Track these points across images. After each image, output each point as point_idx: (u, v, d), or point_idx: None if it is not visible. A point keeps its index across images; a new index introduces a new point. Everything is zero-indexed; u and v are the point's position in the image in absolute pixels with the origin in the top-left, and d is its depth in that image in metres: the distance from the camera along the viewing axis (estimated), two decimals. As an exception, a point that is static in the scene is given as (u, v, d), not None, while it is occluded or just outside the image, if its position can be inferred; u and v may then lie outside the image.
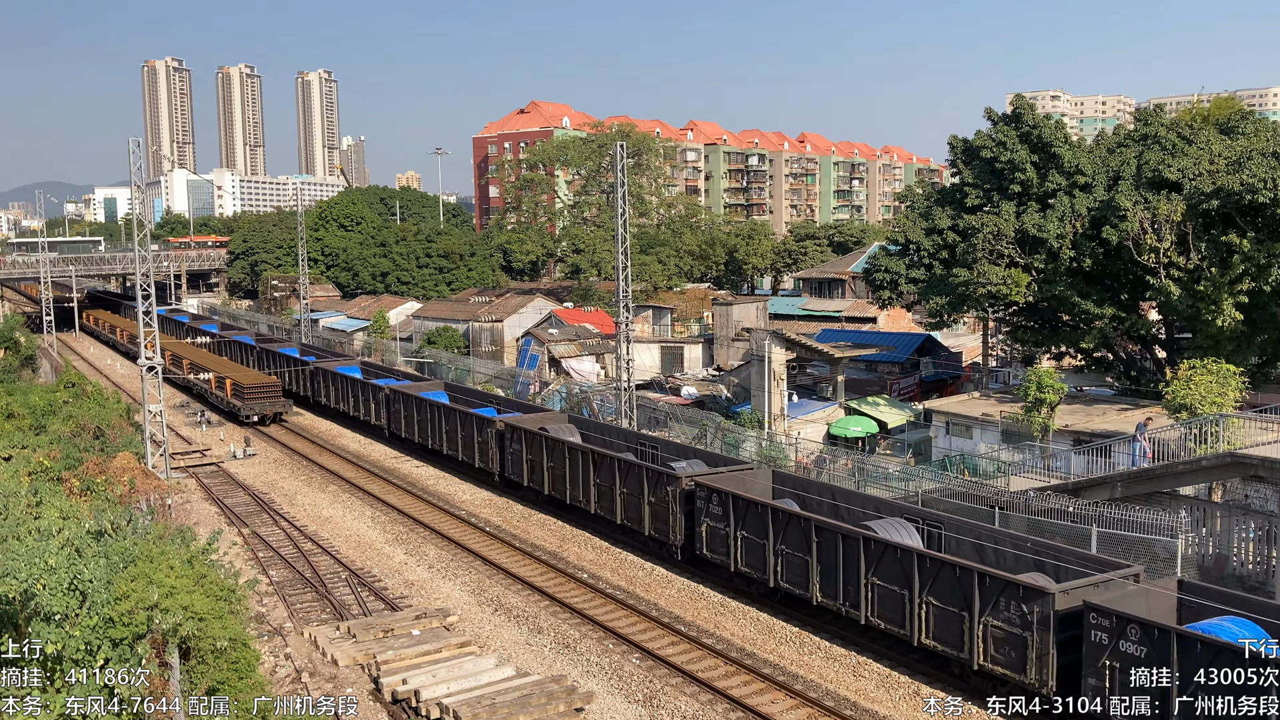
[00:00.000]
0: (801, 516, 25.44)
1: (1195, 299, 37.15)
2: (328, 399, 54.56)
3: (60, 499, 24.47)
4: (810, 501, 27.57)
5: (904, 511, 26.23)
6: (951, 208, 47.03)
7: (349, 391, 51.94)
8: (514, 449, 37.53)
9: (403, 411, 46.37)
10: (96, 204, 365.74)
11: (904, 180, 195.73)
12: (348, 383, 52.35)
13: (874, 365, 60.29)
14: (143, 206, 45.62)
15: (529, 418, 39.29)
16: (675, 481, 29.43)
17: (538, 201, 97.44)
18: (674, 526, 29.42)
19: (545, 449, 35.77)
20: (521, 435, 37.05)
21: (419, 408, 45.01)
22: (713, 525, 27.66)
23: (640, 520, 30.72)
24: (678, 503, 29.22)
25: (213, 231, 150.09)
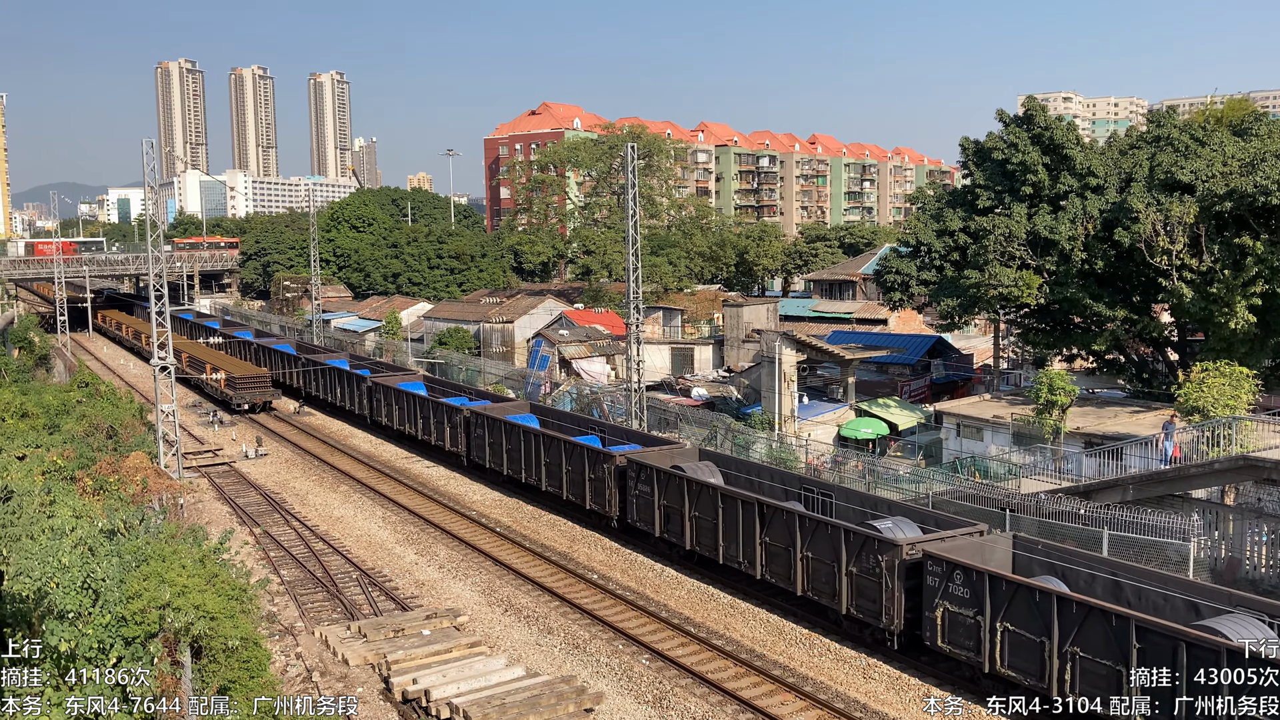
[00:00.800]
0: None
1: (1208, 301, 36.99)
2: (389, 419, 48.64)
3: (73, 498, 24.62)
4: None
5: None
6: (963, 209, 46.95)
7: (415, 411, 45.85)
8: (640, 490, 30.44)
9: (487, 437, 39.57)
10: (110, 205, 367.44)
11: (915, 182, 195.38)
12: (414, 401, 46.23)
13: (885, 367, 60.20)
14: (156, 207, 45.84)
15: (653, 453, 32.25)
16: (892, 550, 22.71)
17: (548, 203, 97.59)
18: (890, 608, 22.74)
19: (687, 494, 28.66)
20: (653, 475, 30.00)
21: (508, 434, 38.39)
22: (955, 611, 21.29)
23: (834, 596, 24.24)
24: (896, 577, 22.54)
25: (224, 232, 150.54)
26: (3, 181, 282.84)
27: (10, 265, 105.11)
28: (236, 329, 74.51)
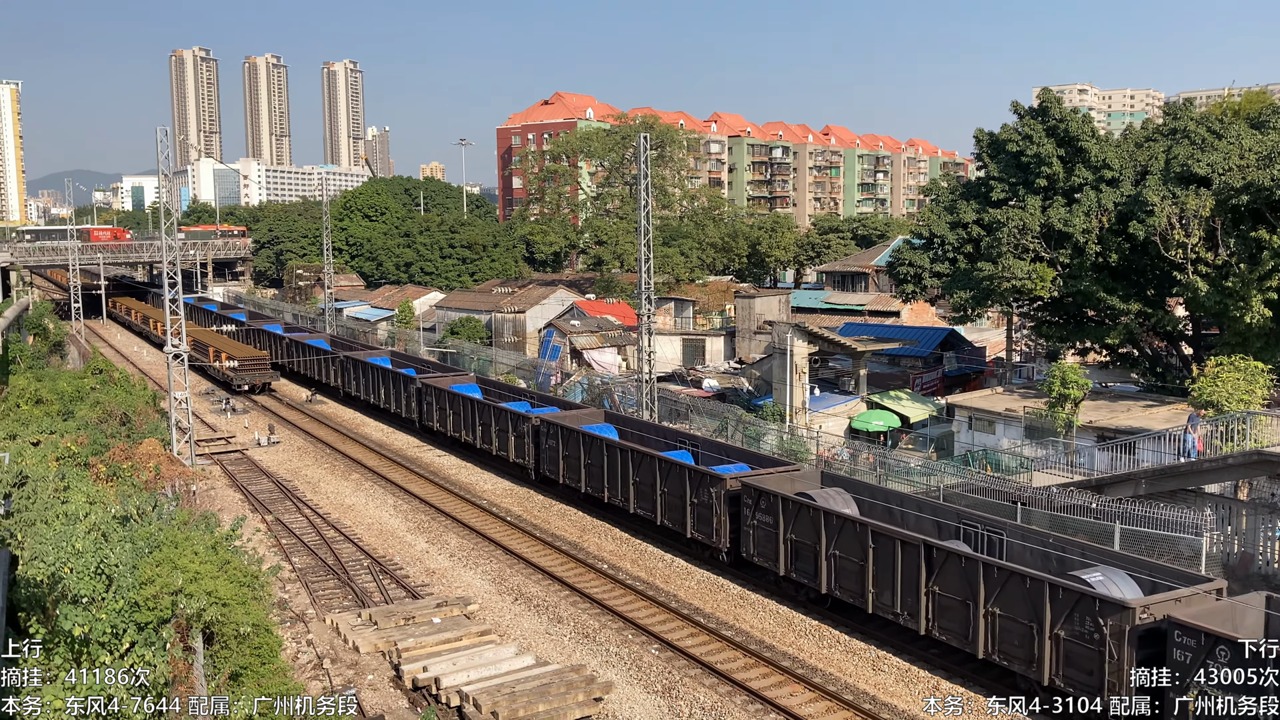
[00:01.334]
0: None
1: (1223, 295, 36.77)
2: (441, 424, 44.68)
3: (87, 484, 24.75)
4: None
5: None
6: (976, 201, 46.75)
7: (471, 416, 41.90)
8: (761, 520, 26.99)
9: (561, 449, 35.65)
10: (124, 192, 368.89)
11: (929, 174, 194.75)
12: (470, 406, 42.34)
13: (896, 359, 60.07)
14: (170, 195, 45.95)
15: (771, 475, 28.75)
16: (1123, 613, 18.47)
17: (561, 193, 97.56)
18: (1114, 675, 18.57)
19: (824, 527, 24.99)
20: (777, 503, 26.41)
21: (586, 446, 34.23)
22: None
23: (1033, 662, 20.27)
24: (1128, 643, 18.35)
25: (238, 221, 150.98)
26: (18, 168, 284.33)
27: (25, 252, 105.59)
28: (264, 321, 72.35)
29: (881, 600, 23.44)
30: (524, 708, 20.13)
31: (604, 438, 34.36)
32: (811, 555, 25.26)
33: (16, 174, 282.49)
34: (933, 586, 22.08)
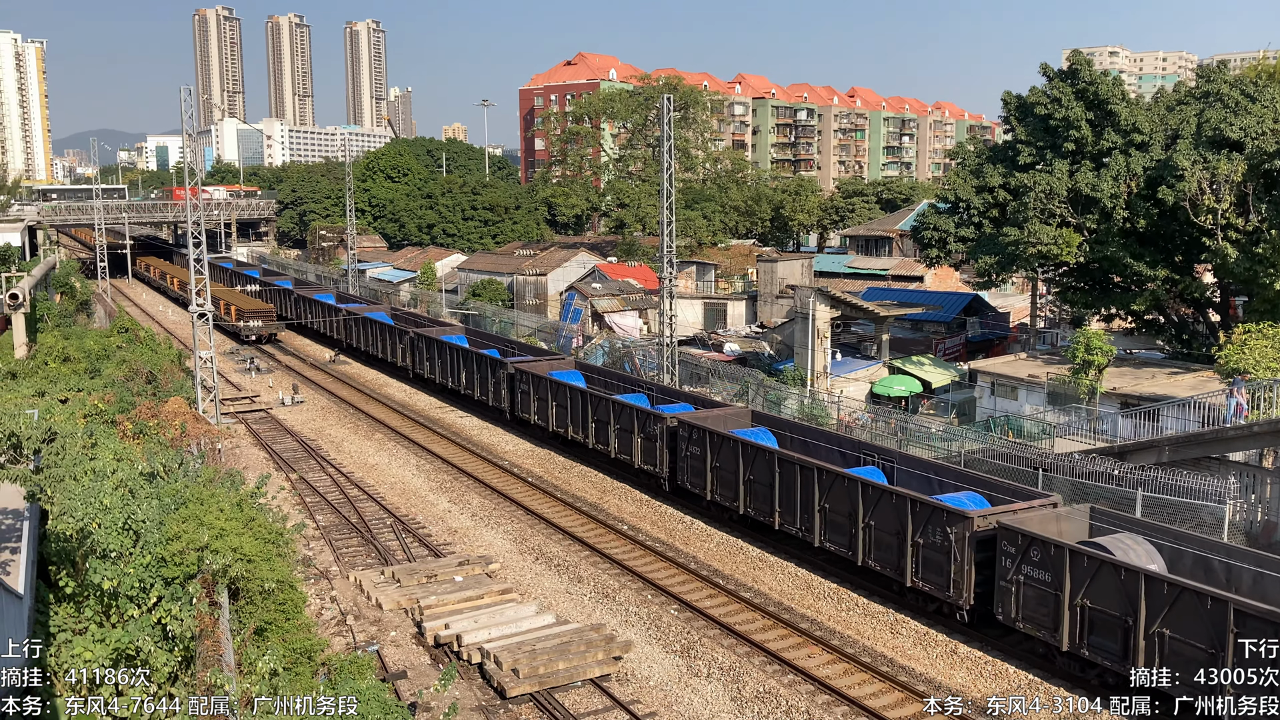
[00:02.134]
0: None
1: (1253, 261, 36.29)
2: (541, 418, 39.22)
3: (114, 441, 25.04)
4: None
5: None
6: (1003, 165, 46.22)
7: (581, 411, 36.56)
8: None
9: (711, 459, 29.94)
10: (149, 152, 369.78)
11: (955, 137, 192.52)
12: (579, 397, 36.70)
13: (919, 325, 59.74)
14: (194, 155, 46.08)
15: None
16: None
17: (583, 155, 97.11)
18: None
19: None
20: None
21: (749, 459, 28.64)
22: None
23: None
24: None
25: (260, 181, 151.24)
26: (44, 128, 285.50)
27: (51, 211, 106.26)
28: (315, 290, 70.83)
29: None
30: (544, 665, 20.37)
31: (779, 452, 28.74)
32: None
33: (42, 133, 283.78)
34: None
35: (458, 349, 46.40)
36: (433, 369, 48.52)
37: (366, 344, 56.78)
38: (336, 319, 60.34)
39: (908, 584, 23.22)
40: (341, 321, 59.46)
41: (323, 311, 63.32)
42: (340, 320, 59.63)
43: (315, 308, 64.90)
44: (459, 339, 49.84)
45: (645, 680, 20.64)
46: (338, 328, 60.67)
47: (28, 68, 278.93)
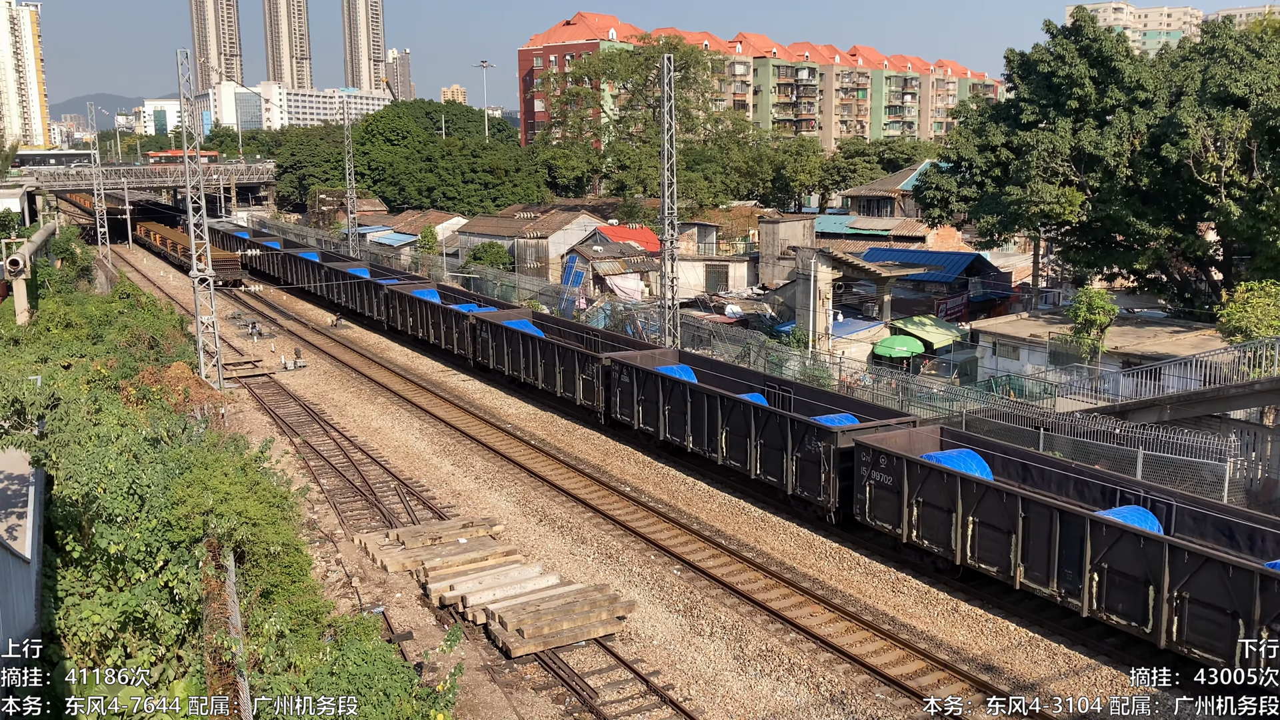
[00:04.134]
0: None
1: (1257, 219, 36.14)
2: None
3: (118, 407, 25.14)
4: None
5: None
6: (1006, 124, 45.90)
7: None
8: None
9: None
10: (147, 116, 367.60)
11: (958, 96, 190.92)
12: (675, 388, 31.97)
13: (921, 285, 59.64)
14: (192, 119, 45.82)
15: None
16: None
17: (583, 116, 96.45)
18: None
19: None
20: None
21: None
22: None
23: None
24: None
25: (260, 145, 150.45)
26: (40, 92, 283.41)
27: (50, 176, 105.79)
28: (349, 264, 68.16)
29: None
30: (549, 625, 20.55)
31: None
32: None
33: (39, 97, 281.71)
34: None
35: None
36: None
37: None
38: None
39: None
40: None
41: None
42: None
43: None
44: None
45: (649, 640, 20.84)
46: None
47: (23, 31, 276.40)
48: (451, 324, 46.75)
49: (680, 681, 19.14)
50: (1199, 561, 17.86)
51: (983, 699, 18.37)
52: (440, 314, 48.10)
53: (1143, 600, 18.78)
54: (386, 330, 55.01)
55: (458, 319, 46.21)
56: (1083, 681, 18.98)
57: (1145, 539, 18.91)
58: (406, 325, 51.71)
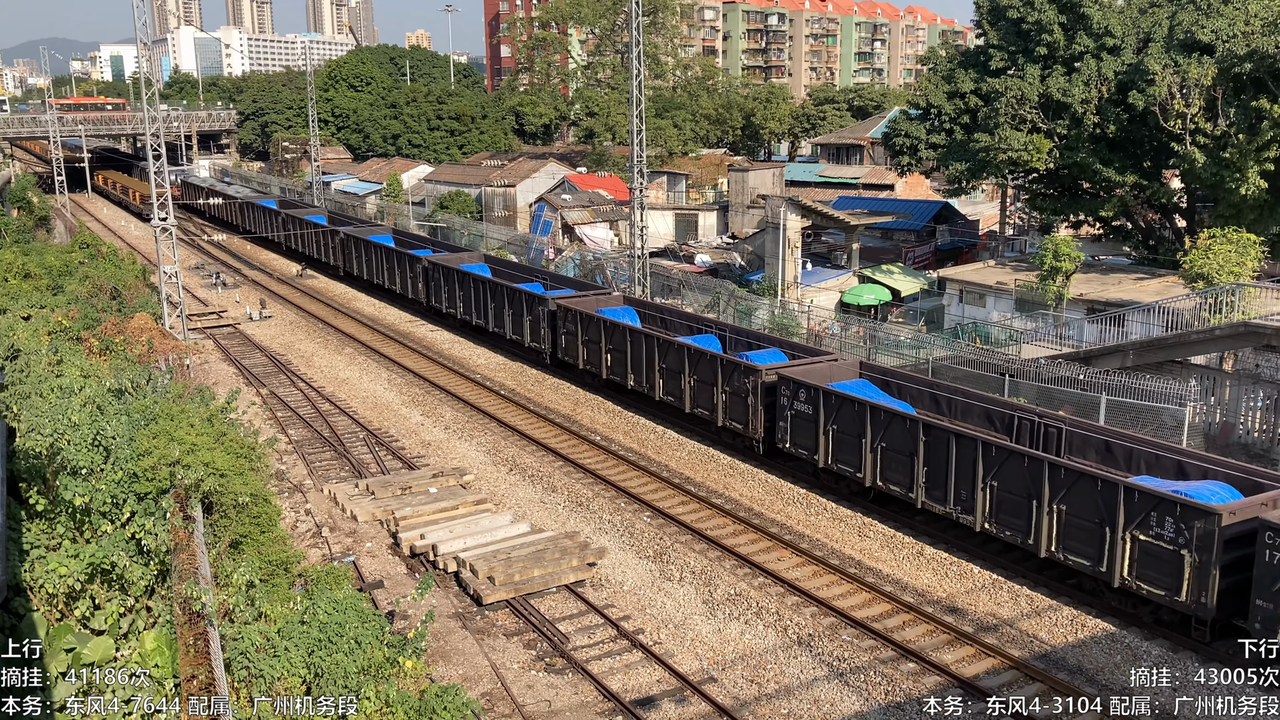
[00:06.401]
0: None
1: (1220, 166, 36.41)
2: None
3: (80, 358, 24.86)
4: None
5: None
6: (975, 71, 45.80)
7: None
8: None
9: None
10: (103, 62, 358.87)
11: (927, 42, 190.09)
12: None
13: (889, 233, 59.79)
14: (150, 65, 44.82)
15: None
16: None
17: (550, 62, 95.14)
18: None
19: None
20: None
21: None
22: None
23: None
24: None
25: (221, 92, 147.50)
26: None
27: (3, 123, 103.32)
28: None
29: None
30: (520, 572, 20.69)
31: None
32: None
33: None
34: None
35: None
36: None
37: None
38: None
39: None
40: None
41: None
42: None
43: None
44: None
45: (619, 585, 21.04)
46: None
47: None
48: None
49: (650, 626, 19.37)
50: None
51: (949, 639, 18.74)
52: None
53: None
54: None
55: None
56: (1044, 622, 19.39)
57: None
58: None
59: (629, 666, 17.98)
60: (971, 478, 21.41)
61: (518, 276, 43.32)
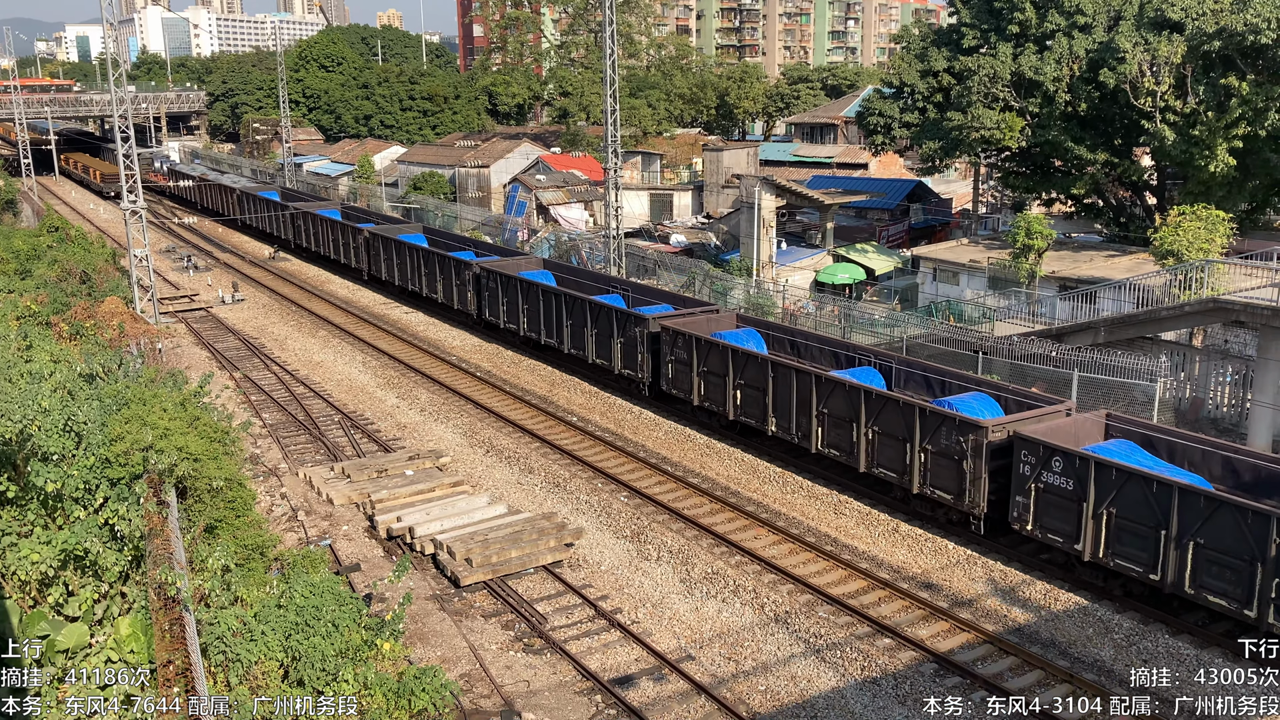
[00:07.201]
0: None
1: (1190, 144, 36.67)
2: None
3: (50, 343, 24.59)
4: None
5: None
6: (948, 49, 45.88)
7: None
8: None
9: None
10: (69, 42, 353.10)
11: (900, 21, 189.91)
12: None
13: (864, 212, 59.91)
14: (117, 45, 44.17)
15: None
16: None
17: (523, 41, 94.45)
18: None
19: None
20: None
21: None
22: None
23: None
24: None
25: (189, 73, 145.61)
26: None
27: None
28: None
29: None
30: (497, 554, 20.71)
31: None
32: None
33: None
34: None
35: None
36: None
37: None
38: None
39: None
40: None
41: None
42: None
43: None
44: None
45: (597, 565, 21.10)
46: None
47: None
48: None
49: (628, 605, 19.45)
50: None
51: (924, 614, 18.93)
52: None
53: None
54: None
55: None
56: (1017, 597, 19.61)
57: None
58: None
59: (607, 646, 18.06)
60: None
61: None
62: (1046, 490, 19.50)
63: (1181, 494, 17.46)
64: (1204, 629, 17.98)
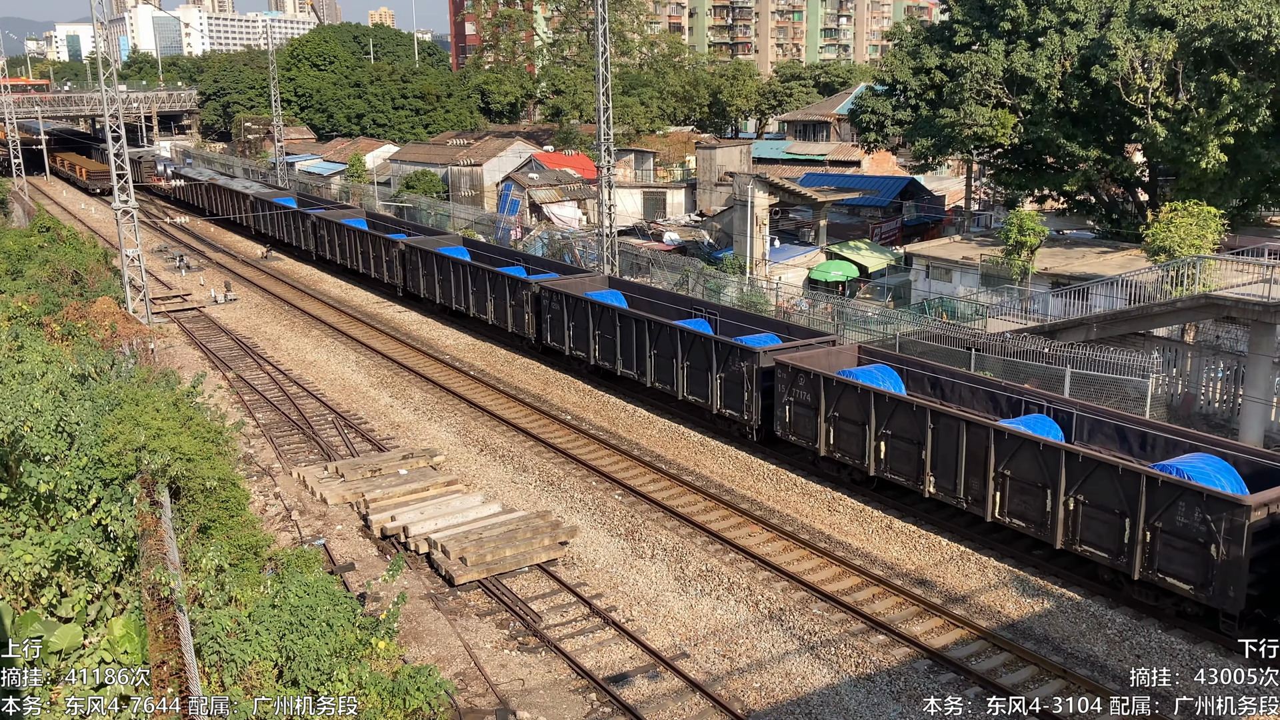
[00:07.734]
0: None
1: (1181, 140, 36.77)
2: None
3: (42, 343, 24.51)
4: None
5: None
6: (940, 46, 45.94)
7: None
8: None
9: None
10: (59, 42, 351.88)
11: (893, 18, 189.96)
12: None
13: (857, 210, 59.93)
14: (108, 45, 44.05)
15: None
16: None
17: (516, 39, 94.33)
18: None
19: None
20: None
21: None
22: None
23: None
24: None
25: (180, 72, 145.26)
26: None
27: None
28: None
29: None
30: (492, 553, 20.70)
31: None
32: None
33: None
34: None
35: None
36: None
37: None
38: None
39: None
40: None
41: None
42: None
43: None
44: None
45: (591, 563, 21.11)
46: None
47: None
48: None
49: (623, 603, 19.47)
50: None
51: (918, 611, 18.97)
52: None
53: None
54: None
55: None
56: (1010, 593, 19.66)
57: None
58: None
59: (602, 644, 18.07)
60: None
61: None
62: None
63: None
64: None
